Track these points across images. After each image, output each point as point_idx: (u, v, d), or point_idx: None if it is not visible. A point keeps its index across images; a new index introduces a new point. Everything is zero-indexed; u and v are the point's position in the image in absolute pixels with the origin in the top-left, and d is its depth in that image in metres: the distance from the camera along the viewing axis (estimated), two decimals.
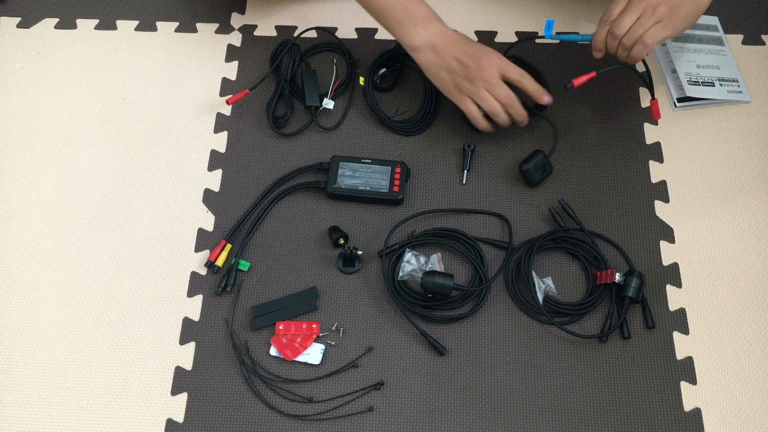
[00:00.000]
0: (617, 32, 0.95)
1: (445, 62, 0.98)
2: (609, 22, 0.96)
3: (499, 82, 0.97)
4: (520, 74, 0.97)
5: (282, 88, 1.11)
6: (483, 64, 0.96)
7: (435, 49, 0.98)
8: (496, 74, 0.96)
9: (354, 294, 0.97)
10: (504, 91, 0.97)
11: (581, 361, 0.92)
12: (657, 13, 0.94)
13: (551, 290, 0.95)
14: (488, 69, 0.96)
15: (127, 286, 0.98)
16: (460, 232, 0.99)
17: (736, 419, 0.89)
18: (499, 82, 0.97)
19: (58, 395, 0.92)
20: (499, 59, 0.97)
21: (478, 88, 0.97)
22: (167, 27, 1.19)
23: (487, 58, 0.96)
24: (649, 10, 0.94)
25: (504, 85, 0.97)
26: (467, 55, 0.97)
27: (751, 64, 1.13)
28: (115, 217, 1.03)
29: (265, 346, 0.94)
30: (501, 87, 0.97)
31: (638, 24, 0.94)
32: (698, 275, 0.97)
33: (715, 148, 1.06)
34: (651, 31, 0.94)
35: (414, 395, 0.91)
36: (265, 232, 1.02)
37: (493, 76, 0.96)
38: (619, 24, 0.95)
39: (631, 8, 0.95)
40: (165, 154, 1.08)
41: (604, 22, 0.97)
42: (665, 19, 0.94)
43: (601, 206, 1.02)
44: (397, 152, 1.07)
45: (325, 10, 1.20)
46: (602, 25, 0.97)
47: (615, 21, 0.96)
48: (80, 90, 1.14)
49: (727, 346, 0.93)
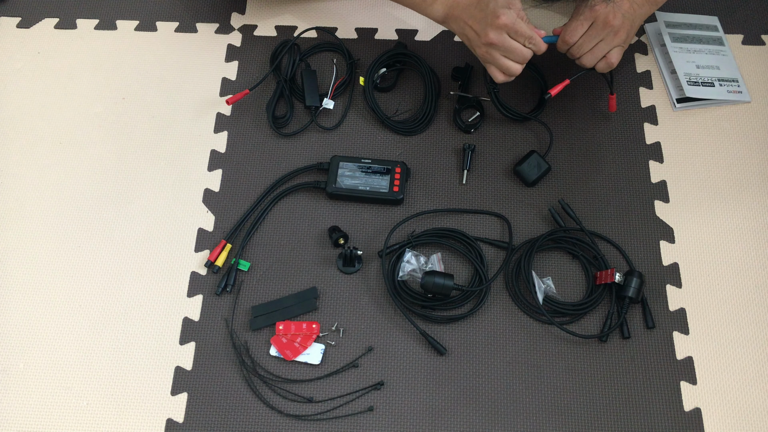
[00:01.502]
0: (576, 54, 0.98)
1: (463, 31, 0.98)
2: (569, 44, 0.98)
3: (511, 44, 0.95)
4: (527, 37, 0.95)
5: (282, 88, 1.11)
6: (490, 31, 0.95)
7: (454, 19, 0.99)
8: (505, 39, 0.95)
9: (354, 294, 0.97)
10: (518, 53, 0.96)
11: (581, 361, 0.92)
12: (617, 39, 0.96)
13: (551, 290, 0.95)
14: (497, 36, 0.94)
15: (127, 286, 0.98)
16: (460, 232, 0.99)
17: (736, 419, 0.89)
18: (512, 45, 0.95)
19: (58, 395, 0.92)
20: (507, 20, 0.94)
21: (495, 57, 0.97)
22: (167, 27, 1.19)
23: (494, 22, 0.94)
24: (610, 36, 0.96)
25: (517, 46, 0.95)
26: (477, 21, 0.96)
27: (751, 64, 1.13)
28: (115, 217, 1.03)
29: (265, 346, 0.94)
30: (514, 49, 0.95)
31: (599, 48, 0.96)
32: (698, 275, 0.97)
33: (715, 148, 1.06)
34: (613, 53, 0.97)
35: (414, 395, 0.91)
36: (265, 232, 1.02)
37: (502, 41, 0.95)
38: (580, 47, 0.97)
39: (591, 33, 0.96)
40: (165, 154, 1.08)
41: (566, 44, 0.98)
42: (624, 43, 0.97)
43: (601, 206, 1.02)
44: (397, 152, 1.07)
45: (325, 10, 1.20)
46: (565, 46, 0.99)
47: (579, 45, 0.97)
48: (80, 90, 1.14)
49: (727, 346, 0.93)
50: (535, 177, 1.02)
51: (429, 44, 1.16)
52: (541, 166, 1.02)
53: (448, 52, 1.15)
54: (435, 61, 1.13)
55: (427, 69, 1.10)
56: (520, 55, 0.96)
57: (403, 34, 1.17)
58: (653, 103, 1.10)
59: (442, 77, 1.12)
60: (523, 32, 0.95)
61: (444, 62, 1.13)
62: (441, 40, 1.16)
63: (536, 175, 1.02)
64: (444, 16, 1.00)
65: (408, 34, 1.17)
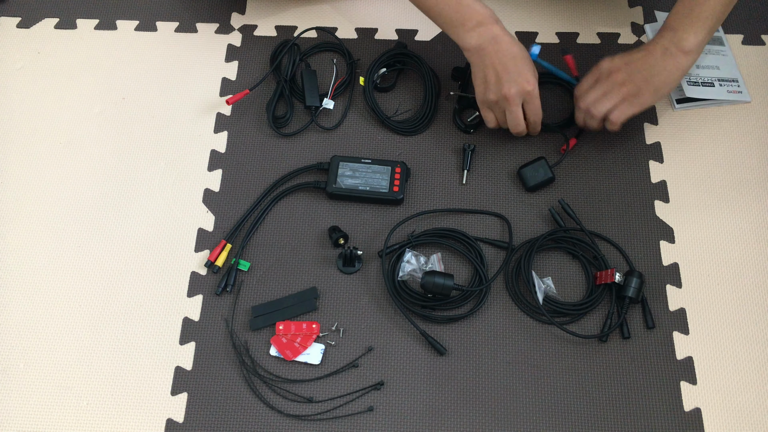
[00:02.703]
0: (581, 105, 0.99)
1: (486, 70, 0.96)
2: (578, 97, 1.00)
3: (518, 113, 0.98)
4: (535, 116, 0.99)
5: (282, 88, 1.11)
6: (511, 87, 0.95)
7: (481, 52, 0.96)
8: (518, 101, 0.97)
9: (354, 294, 0.97)
10: (516, 122, 0.99)
11: (581, 361, 0.92)
12: (622, 92, 0.96)
13: (551, 290, 0.95)
14: (513, 94, 0.95)
15: (127, 286, 0.98)
16: (460, 232, 0.99)
17: (736, 419, 0.89)
18: (518, 113, 0.98)
19: (58, 395, 0.92)
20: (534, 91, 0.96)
21: (498, 110, 0.99)
22: (167, 27, 1.19)
23: (523, 85, 0.95)
24: (615, 89, 0.97)
25: (519, 116, 0.98)
26: (507, 71, 0.95)
27: (751, 64, 1.13)
28: (115, 217, 1.03)
29: (265, 346, 0.94)
30: (517, 118, 0.98)
31: (604, 100, 0.97)
32: (698, 275, 0.97)
33: (715, 148, 1.06)
34: (617, 110, 0.97)
35: (414, 395, 0.91)
36: (265, 232, 1.02)
37: (515, 102, 0.96)
38: (585, 98, 0.99)
39: (597, 86, 0.98)
40: (165, 154, 1.08)
41: (576, 98, 1.01)
42: (631, 97, 0.96)
43: (601, 206, 1.02)
44: (397, 152, 1.07)
45: (325, 10, 1.20)
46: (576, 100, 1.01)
47: (582, 96, 0.99)
48: (80, 90, 1.14)
49: (727, 346, 0.93)
50: (536, 183, 1.02)
51: (429, 44, 1.16)
52: (546, 174, 1.02)
53: (448, 52, 1.15)
54: (435, 61, 1.13)
55: (427, 69, 1.10)
56: (518, 125, 0.99)
57: (403, 34, 1.17)
58: None
59: (442, 77, 1.12)
60: (536, 110, 0.98)
61: (444, 62, 1.13)
62: (441, 40, 1.16)
63: (538, 181, 1.02)
64: (476, 46, 0.96)
65: (408, 34, 1.17)
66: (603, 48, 1.14)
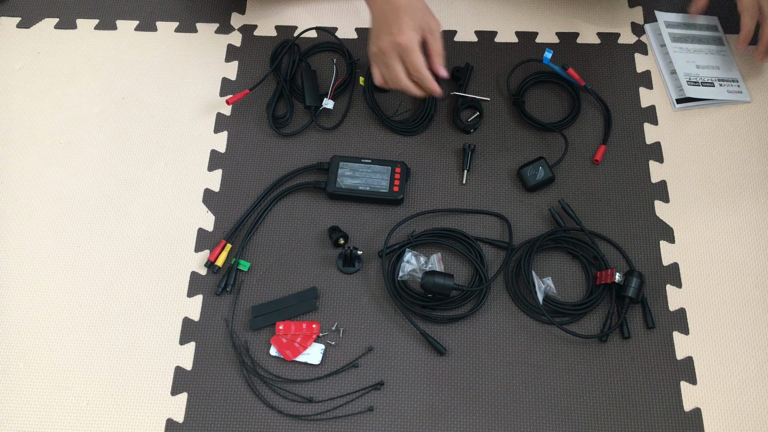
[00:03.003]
0: None
1: (372, 19, 0.92)
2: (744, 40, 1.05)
3: (395, 65, 0.91)
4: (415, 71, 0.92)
5: (282, 88, 1.11)
6: (384, 38, 0.90)
7: (370, 2, 0.93)
8: (393, 54, 0.90)
9: (354, 294, 0.97)
10: (392, 76, 0.92)
11: (581, 361, 0.92)
12: None
13: (551, 290, 0.95)
14: (384, 46, 0.89)
15: (127, 286, 0.98)
16: (460, 232, 0.99)
17: (736, 419, 0.89)
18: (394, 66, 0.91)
19: (58, 395, 0.92)
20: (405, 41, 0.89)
21: (379, 62, 0.93)
22: (167, 27, 1.19)
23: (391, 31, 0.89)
24: None
25: (398, 70, 0.91)
26: (385, 21, 0.90)
27: (751, 64, 1.13)
28: (115, 217, 1.03)
29: (265, 346, 0.94)
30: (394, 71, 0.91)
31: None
32: (698, 275, 0.97)
33: (715, 148, 1.06)
34: None
35: (414, 395, 0.91)
36: (265, 232, 1.02)
37: (390, 55, 0.90)
38: None
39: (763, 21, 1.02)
40: (165, 154, 1.08)
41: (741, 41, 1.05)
42: None
43: (601, 206, 1.02)
44: (397, 152, 1.07)
45: (325, 10, 1.20)
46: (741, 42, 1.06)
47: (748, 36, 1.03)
48: (80, 90, 1.14)
49: (727, 346, 0.93)
50: (536, 183, 1.02)
51: None
52: (546, 174, 1.02)
53: (448, 52, 1.14)
54: None
55: None
56: (396, 81, 0.93)
57: None
58: (653, 103, 1.10)
59: None
60: (414, 63, 0.91)
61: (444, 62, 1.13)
62: None
63: (538, 181, 1.02)
64: None
65: None
66: (603, 48, 1.14)
